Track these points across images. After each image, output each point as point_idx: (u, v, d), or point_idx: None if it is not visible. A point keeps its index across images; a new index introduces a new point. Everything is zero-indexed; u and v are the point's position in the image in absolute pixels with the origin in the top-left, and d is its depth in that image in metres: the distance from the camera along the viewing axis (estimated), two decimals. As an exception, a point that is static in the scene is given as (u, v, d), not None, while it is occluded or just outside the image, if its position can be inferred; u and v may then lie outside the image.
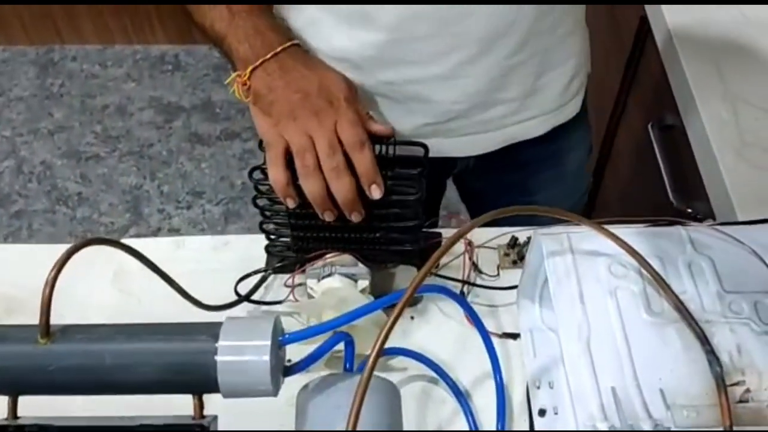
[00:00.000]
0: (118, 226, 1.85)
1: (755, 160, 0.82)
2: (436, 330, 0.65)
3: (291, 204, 0.59)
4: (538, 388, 0.59)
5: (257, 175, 0.59)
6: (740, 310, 0.51)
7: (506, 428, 0.58)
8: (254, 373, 0.43)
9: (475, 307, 0.66)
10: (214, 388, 0.43)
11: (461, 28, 0.66)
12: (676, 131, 0.96)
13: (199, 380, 0.43)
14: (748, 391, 0.47)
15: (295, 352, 0.50)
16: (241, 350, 0.43)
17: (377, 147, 0.59)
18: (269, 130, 0.60)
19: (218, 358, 0.43)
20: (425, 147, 0.60)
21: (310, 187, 0.58)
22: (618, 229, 0.55)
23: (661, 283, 0.51)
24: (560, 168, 0.91)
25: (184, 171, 1.94)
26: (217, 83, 2.17)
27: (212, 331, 0.44)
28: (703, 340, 0.49)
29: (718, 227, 0.56)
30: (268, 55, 0.62)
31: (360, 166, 0.58)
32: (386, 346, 0.61)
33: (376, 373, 0.50)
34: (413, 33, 0.65)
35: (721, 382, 0.47)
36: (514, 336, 0.65)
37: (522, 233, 0.70)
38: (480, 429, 0.58)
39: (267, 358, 0.43)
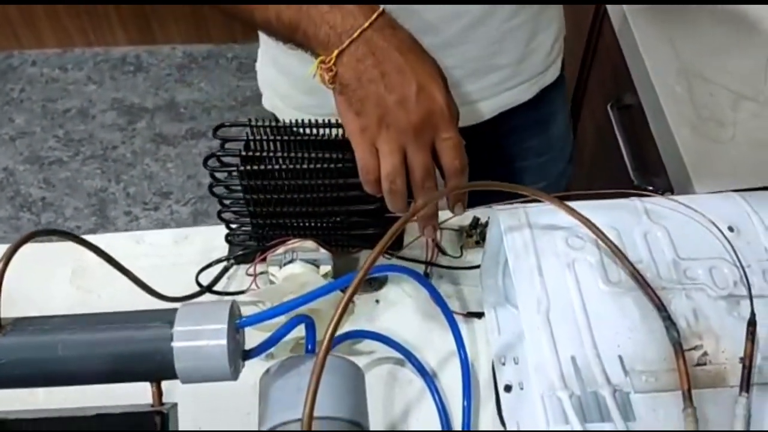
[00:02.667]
0: (84, 230, 1.82)
1: (711, 133, 0.84)
2: (401, 312, 0.65)
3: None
4: (504, 364, 0.60)
5: (213, 162, 0.58)
6: (696, 276, 0.52)
7: (472, 405, 0.58)
8: (211, 358, 0.42)
9: (440, 288, 0.66)
10: (171, 374, 0.43)
11: None
12: (635, 110, 0.98)
13: (156, 367, 0.43)
14: (705, 354, 0.48)
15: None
16: (197, 335, 0.42)
17: (334, 131, 0.59)
18: (357, 136, 0.54)
19: (174, 344, 0.42)
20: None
21: (393, 205, 0.55)
22: (575, 203, 0.55)
23: (617, 253, 0.52)
24: (547, 133, 0.92)
25: (150, 172, 1.92)
26: (181, 83, 2.14)
27: (168, 317, 0.43)
28: (660, 306, 0.49)
29: (673, 197, 0.57)
30: (355, 34, 0.53)
31: (456, 188, 0.54)
32: (352, 329, 0.61)
33: (339, 354, 0.50)
34: (415, 6, 0.63)
35: (678, 347, 0.47)
36: (479, 315, 0.65)
37: (485, 213, 0.70)
38: (446, 407, 0.58)
39: (224, 342, 0.42)
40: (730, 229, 0.54)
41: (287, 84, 0.81)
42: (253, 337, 0.48)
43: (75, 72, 2.21)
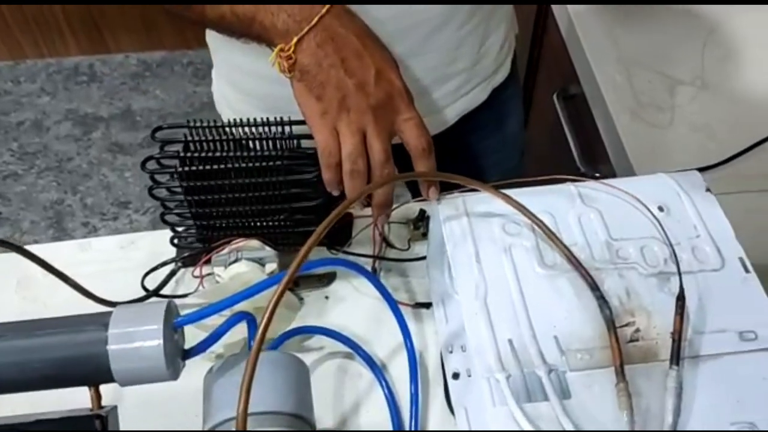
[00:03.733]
0: (42, 243, 1.79)
1: (650, 119, 0.86)
2: (350, 307, 0.66)
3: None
4: (451, 352, 0.60)
5: (151, 165, 0.58)
6: (628, 255, 0.53)
7: (421, 394, 0.59)
8: (148, 359, 0.42)
9: (389, 281, 0.67)
10: (109, 378, 0.43)
11: (421, 6, 0.66)
12: (578, 99, 1.00)
13: (94, 371, 0.43)
14: (637, 330, 0.49)
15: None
16: (132, 336, 0.42)
17: (272, 129, 0.59)
18: (318, 119, 0.55)
19: (110, 347, 0.42)
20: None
21: (353, 189, 0.55)
22: (512, 191, 0.57)
23: (552, 236, 0.53)
24: (502, 130, 0.93)
25: (107, 182, 1.90)
26: (136, 91, 2.12)
27: (102, 320, 0.43)
28: (594, 286, 0.51)
29: (605, 181, 0.59)
30: (314, 21, 0.54)
31: (424, 172, 0.55)
32: (301, 325, 0.62)
33: (280, 351, 0.50)
34: (377, 16, 0.62)
35: (611, 325, 0.49)
36: (427, 305, 0.66)
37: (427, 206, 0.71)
38: (396, 398, 0.59)
39: (159, 342, 0.42)
40: (660, 209, 0.56)
41: (245, 102, 0.79)
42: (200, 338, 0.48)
43: (28, 84, 2.18)
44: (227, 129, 0.59)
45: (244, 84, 0.77)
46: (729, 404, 0.46)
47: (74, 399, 0.45)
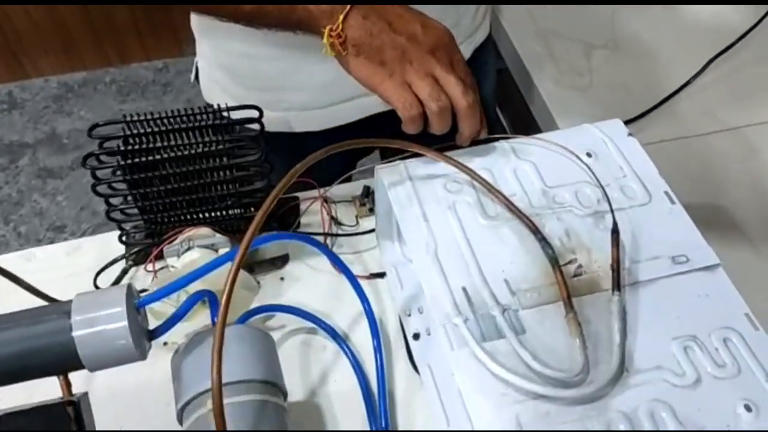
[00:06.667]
0: (-24, 279, 1.72)
1: (571, 83, 0.90)
2: (307, 285, 0.67)
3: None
4: (409, 315, 0.63)
5: (92, 161, 0.58)
6: (563, 200, 0.57)
7: (385, 358, 0.60)
8: (115, 341, 0.43)
9: (341, 256, 0.69)
10: (77, 364, 0.43)
11: None
12: (504, 74, 1.04)
13: (61, 360, 0.43)
14: (580, 266, 0.53)
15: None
16: (96, 321, 0.43)
17: (209, 116, 0.60)
18: (388, 83, 0.57)
19: (74, 333, 0.42)
20: (259, 109, 0.61)
21: (444, 125, 0.57)
22: (450, 153, 0.59)
23: (491, 189, 0.56)
24: (481, 92, 0.94)
25: (40, 208, 1.84)
26: (60, 113, 2.06)
27: (63, 309, 0.43)
28: (535, 230, 0.54)
29: (536, 135, 0.62)
30: None
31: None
32: (261, 305, 0.63)
33: (246, 325, 0.51)
34: None
35: (555, 263, 0.52)
36: (381, 275, 0.68)
37: (371, 182, 0.73)
38: (361, 364, 0.61)
39: (124, 323, 0.43)
40: (588, 155, 0.60)
41: (239, 85, 0.80)
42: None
43: (-55, 116, 2.09)
44: (165, 120, 0.59)
45: (237, 67, 0.79)
46: (670, 321, 0.50)
47: (47, 390, 0.45)
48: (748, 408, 0.46)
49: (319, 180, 0.72)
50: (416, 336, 0.62)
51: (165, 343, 0.62)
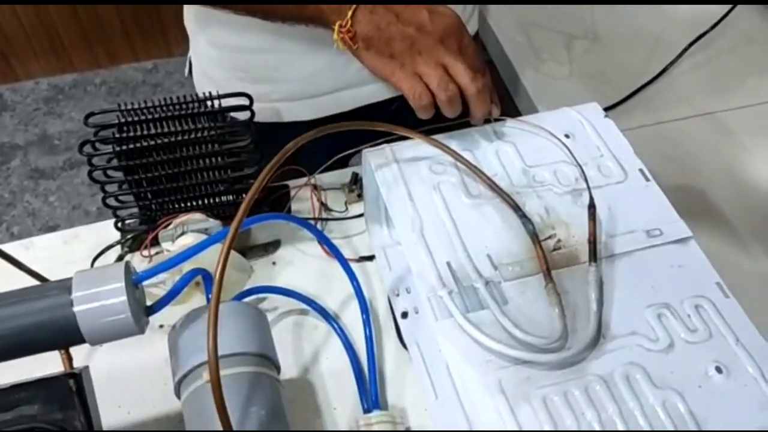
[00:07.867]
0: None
1: (551, 72, 0.93)
2: (298, 269, 0.69)
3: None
4: (398, 295, 0.65)
5: (88, 149, 0.60)
6: (543, 179, 0.59)
7: (374, 336, 0.63)
8: (115, 315, 0.45)
9: (332, 241, 0.71)
10: (78, 339, 0.45)
11: None
12: (489, 65, 1.06)
13: (62, 334, 0.45)
14: (559, 241, 0.55)
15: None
16: (97, 296, 0.44)
17: (201, 104, 0.62)
18: (399, 74, 0.59)
19: (75, 308, 0.44)
20: (249, 97, 0.64)
21: (453, 113, 0.59)
22: (435, 136, 0.62)
23: (474, 170, 0.59)
24: None
25: (32, 209, 1.85)
26: (50, 115, 2.08)
27: (64, 285, 0.45)
28: (516, 208, 0.56)
29: (517, 118, 0.64)
30: None
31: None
32: (252, 287, 0.65)
33: (239, 302, 0.53)
34: None
35: (535, 238, 0.54)
36: (370, 258, 0.70)
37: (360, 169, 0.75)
38: (352, 343, 0.63)
39: (124, 298, 0.45)
40: (567, 136, 0.62)
41: (232, 78, 0.82)
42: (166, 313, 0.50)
43: (-65, 119, 2.10)
44: (158, 108, 0.61)
45: (229, 60, 0.81)
46: (645, 291, 0.52)
47: (46, 367, 0.47)
48: (719, 369, 0.48)
49: (308, 170, 0.74)
50: (404, 314, 0.64)
51: (161, 326, 0.64)
